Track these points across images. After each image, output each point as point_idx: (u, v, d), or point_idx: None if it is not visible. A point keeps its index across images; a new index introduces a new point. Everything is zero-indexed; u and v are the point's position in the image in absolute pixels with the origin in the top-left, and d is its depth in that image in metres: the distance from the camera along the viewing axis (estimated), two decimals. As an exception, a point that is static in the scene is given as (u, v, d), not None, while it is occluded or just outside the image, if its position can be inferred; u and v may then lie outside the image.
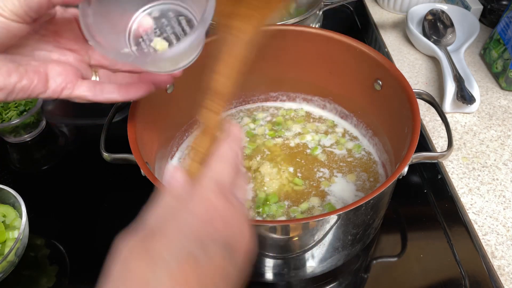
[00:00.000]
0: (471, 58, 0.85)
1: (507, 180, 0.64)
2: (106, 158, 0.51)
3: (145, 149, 0.53)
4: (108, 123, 0.54)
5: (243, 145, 0.30)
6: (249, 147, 0.64)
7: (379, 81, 0.58)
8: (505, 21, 0.78)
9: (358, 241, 0.51)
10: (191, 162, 0.33)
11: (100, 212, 0.64)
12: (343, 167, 0.62)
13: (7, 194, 0.57)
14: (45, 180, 0.69)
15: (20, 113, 0.72)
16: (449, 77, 0.74)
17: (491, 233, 0.58)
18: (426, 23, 0.87)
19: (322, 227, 0.44)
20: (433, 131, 0.72)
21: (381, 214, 0.53)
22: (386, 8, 1.00)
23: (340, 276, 0.56)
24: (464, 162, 0.67)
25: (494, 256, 0.56)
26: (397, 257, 0.57)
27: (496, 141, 0.69)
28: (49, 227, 0.62)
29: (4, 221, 0.57)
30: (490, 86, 0.79)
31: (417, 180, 0.66)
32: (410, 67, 0.84)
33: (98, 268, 0.61)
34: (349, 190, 0.59)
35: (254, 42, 0.34)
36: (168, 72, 0.44)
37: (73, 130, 0.78)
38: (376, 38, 0.93)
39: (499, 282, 0.53)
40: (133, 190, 0.64)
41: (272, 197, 0.58)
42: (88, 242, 0.60)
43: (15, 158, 0.73)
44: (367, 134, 0.65)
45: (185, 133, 0.67)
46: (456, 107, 0.73)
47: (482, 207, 0.61)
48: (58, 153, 0.74)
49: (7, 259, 0.52)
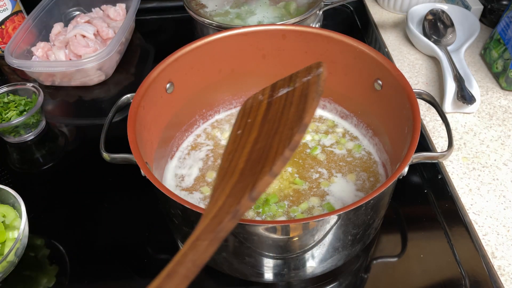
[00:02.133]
0: (471, 58, 0.85)
1: (507, 180, 0.64)
2: (106, 158, 0.51)
3: (145, 149, 0.53)
4: (108, 123, 0.54)
5: None
6: None
7: (379, 81, 0.58)
8: (505, 21, 0.78)
9: (358, 241, 0.51)
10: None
11: (100, 212, 0.64)
12: (343, 167, 0.62)
13: (7, 194, 0.57)
14: (45, 180, 0.69)
15: (20, 113, 0.72)
16: (449, 77, 0.74)
17: (491, 233, 0.58)
18: (426, 23, 0.87)
19: (322, 227, 0.44)
20: (433, 131, 0.72)
21: (381, 214, 0.53)
22: (386, 8, 1.00)
23: (340, 276, 0.56)
24: (464, 162, 0.67)
25: (494, 256, 0.56)
26: (397, 257, 0.57)
27: (497, 141, 0.69)
28: (49, 227, 0.62)
29: (4, 221, 0.57)
30: (490, 86, 0.79)
31: (417, 180, 0.66)
32: (410, 67, 0.84)
33: (98, 268, 0.61)
34: (348, 190, 0.59)
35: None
36: None
37: (73, 130, 0.78)
38: (376, 38, 0.93)
39: (499, 282, 0.53)
40: (133, 190, 0.64)
41: (272, 197, 0.58)
42: (88, 242, 0.60)
43: (15, 158, 0.73)
44: (367, 134, 0.65)
45: (185, 133, 0.67)
46: (456, 107, 0.73)
47: (482, 207, 0.61)
48: (58, 153, 0.74)
49: (7, 259, 0.52)
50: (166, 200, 0.46)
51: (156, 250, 0.58)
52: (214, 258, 0.52)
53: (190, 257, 0.27)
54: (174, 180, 0.62)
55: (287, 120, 0.36)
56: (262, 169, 0.32)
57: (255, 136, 0.37)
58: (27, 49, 0.84)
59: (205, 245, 0.28)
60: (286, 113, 0.37)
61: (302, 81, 0.40)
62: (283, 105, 0.39)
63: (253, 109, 0.41)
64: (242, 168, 0.34)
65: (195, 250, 0.28)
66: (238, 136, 0.39)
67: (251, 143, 0.37)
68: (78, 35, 0.84)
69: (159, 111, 0.58)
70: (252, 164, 0.34)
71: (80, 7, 0.97)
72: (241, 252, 0.47)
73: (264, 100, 0.41)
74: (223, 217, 0.29)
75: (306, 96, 0.37)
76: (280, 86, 0.41)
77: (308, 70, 0.40)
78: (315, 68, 0.40)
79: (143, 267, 0.57)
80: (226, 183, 0.33)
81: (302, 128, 0.33)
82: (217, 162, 0.63)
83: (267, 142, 0.35)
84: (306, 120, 0.34)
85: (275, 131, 0.36)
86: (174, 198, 0.43)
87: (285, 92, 0.40)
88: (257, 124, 0.39)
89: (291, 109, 0.37)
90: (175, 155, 0.65)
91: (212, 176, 0.61)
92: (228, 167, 0.35)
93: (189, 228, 0.50)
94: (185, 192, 0.60)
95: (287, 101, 0.39)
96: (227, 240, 0.46)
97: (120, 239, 0.60)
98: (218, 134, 0.68)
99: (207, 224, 0.29)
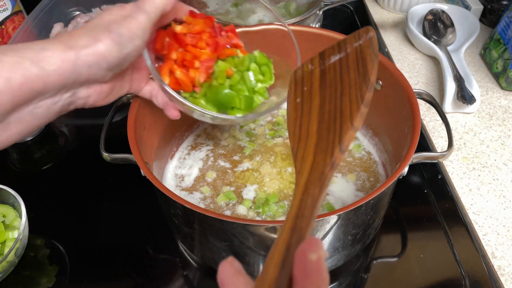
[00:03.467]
0: (471, 58, 0.85)
1: (507, 180, 0.64)
2: (106, 158, 0.51)
3: (145, 149, 0.53)
4: (108, 123, 0.54)
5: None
6: (249, 147, 0.64)
7: (379, 81, 0.58)
8: (505, 21, 0.78)
9: (358, 241, 0.51)
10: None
11: (100, 212, 0.64)
12: (343, 167, 0.62)
13: (7, 194, 0.57)
14: (45, 180, 0.69)
15: (20, 113, 0.72)
16: (449, 77, 0.74)
17: (491, 233, 0.58)
18: (426, 23, 0.87)
19: (322, 227, 0.44)
20: (433, 131, 0.72)
21: (381, 214, 0.53)
22: (386, 8, 1.00)
23: (340, 276, 0.56)
24: (464, 162, 0.67)
25: (494, 256, 0.56)
26: (397, 257, 0.57)
27: (496, 141, 0.69)
28: (49, 227, 0.62)
29: (4, 221, 0.57)
30: (490, 86, 0.79)
31: (417, 180, 0.66)
32: (410, 67, 0.84)
33: (98, 268, 0.61)
34: (349, 190, 0.59)
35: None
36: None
37: (73, 130, 0.78)
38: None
39: (499, 282, 0.53)
40: (133, 190, 0.64)
41: (272, 197, 0.57)
42: (88, 242, 0.60)
43: (15, 158, 0.73)
44: (367, 134, 0.65)
45: (185, 133, 0.67)
46: (456, 107, 0.73)
47: (482, 207, 0.61)
48: (58, 153, 0.74)
49: (7, 259, 0.52)
50: (166, 200, 0.46)
51: (156, 250, 0.58)
52: (214, 258, 0.52)
53: (308, 202, 0.29)
54: (174, 180, 0.62)
55: (350, 82, 0.39)
56: (343, 125, 0.36)
57: (319, 101, 0.40)
58: (27, 49, 0.84)
59: (317, 190, 0.31)
60: (345, 76, 0.40)
61: (353, 46, 0.42)
62: (339, 70, 0.41)
63: (305, 78, 0.43)
64: (317, 129, 0.37)
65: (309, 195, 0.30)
66: (299, 103, 0.41)
67: (317, 107, 0.39)
68: (78, 35, 0.83)
69: (159, 111, 0.58)
70: (327, 124, 0.37)
71: (80, 7, 0.97)
72: (241, 252, 0.47)
73: (316, 69, 0.43)
74: (323, 168, 0.33)
75: (364, 59, 0.40)
76: (330, 54, 0.43)
77: (357, 36, 0.43)
78: (364, 33, 0.42)
79: (143, 267, 0.57)
80: (306, 144, 0.37)
81: (370, 86, 0.38)
82: (217, 162, 0.63)
83: (336, 104, 0.38)
84: (372, 79, 0.38)
85: (341, 92, 0.39)
86: (174, 198, 0.43)
87: (337, 58, 0.42)
88: (316, 90, 0.41)
89: (351, 73, 0.40)
90: (175, 155, 0.65)
91: (212, 176, 0.61)
92: (301, 132, 0.38)
93: (189, 228, 0.50)
94: (185, 192, 0.60)
95: (343, 66, 0.41)
96: (227, 240, 0.46)
97: (120, 239, 0.60)
98: (218, 134, 0.68)
99: (308, 177, 0.32)
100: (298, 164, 0.35)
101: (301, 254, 0.22)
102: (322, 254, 0.22)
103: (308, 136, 0.37)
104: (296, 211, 0.28)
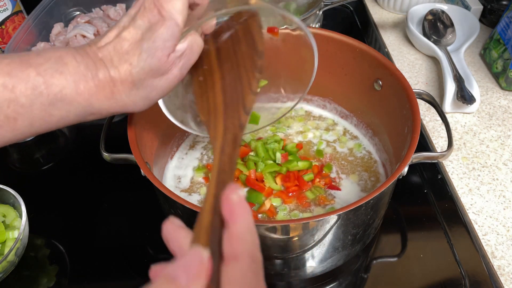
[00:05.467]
0: (471, 58, 0.85)
1: (507, 180, 0.64)
2: (106, 158, 0.51)
3: (145, 149, 0.53)
4: (108, 123, 0.54)
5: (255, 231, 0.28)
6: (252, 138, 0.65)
7: (379, 81, 0.58)
8: (505, 21, 0.78)
9: (358, 241, 0.51)
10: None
11: (100, 212, 0.64)
12: (345, 167, 0.62)
13: (7, 194, 0.57)
14: (45, 180, 0.69)
15: (20, 113, 0.72)
16: (449, 77, 0.74)
17: (491, 233, 0.58)
18: (426, 23, 0.87)
19: (322, 227, 0.44)
20: (433, 131, 0.72)
21: (381, 214, 0.53)
22: (386, 8, 1.00)
23: (340, 276, 0.56)
24: (464, 162, 0.67)
25: (494, 256, 0.56)
26: (397, 257, 0.57)
27: (496, 141, 0.69)
28: (49, 227, 0.62)
29: (4, 221, 0.57)
30: (490, 86, 0.79)
31: (417, 180, 0.66)
32: (410, 67, 0.84)
33: (98, 268, 0.61)
34: (353, 192, 0.59)
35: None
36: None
37: (73, 130, 0.78)
38: (376, 38, 0.93)
39: (499, 282, 0.53)
40: (133, 190, 0.64)
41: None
42: (88, 242, 0.60)
43: (15, 158, 0.73)
44: (367, 134, 0.65)
45: (185, 133, 0.67)
46: (456, 107, 0.73)
47: (482, 207, 0.61)
48: (58, 153, 0.74)
49: (7, 259, 0.52)
50: (166, 200, 0.46)
51: (156, 250, 0.58)
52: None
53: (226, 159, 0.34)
54: (174, 180, 0.62)
55: (243, 54, 0.45)
56: (243, 90, 0.42)
57: (220, 75, 0.44)
58: (27, 49, 0.84)
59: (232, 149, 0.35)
60: (238, 50, 0.45)
61: (239, 22, 0.47)
62: (232, 45, 0.46)
63: (204, 58, 0.45)
64: (223, 99, 0.42)
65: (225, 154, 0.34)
66: (202, 81, 0.45)
67: (219, 80, 0.44)
68: (78, 35, 0.84)
69: (159, 111, 0.58)
70: (230, 93, 0.42)
71: (80, 7, 0.97)
72: (241, 252, 0.47)
73: (211, 47, 0.46)
74: (234, 130, 0.38)
75: (251, 32, 0.45)
76: (221, 32, 0.47)
77: (239, 13, 0.47)
78: (246, 11, 0.47)
79: (143, 267, 0.57)
80: (215, 114, 0.41)
81: (260, 54, 0.44)
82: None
83: (235, 74, 0.44)
84: (261, 48, 0.44)
85: (237, 64, 0.44)
86: (174, 198, 0.43)
87: (228, 35, 0.47)
88: (215, 66, 0.45)
89: (242, 46, 0.45)
90: (175, 155, 0.65)
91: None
92: (208, 105, 0.43)
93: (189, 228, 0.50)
94: (184, 193, 0.60)
95: (234, 41, 0.46)
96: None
97: (120, 239, 0.60)
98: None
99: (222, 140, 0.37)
100: (212, 132, 0.39)
101: (226, 198, 0.27)
102: (241, 193, 0.27)
103: (216, 107, 0.42)
104: (218, 168, 0.32)
